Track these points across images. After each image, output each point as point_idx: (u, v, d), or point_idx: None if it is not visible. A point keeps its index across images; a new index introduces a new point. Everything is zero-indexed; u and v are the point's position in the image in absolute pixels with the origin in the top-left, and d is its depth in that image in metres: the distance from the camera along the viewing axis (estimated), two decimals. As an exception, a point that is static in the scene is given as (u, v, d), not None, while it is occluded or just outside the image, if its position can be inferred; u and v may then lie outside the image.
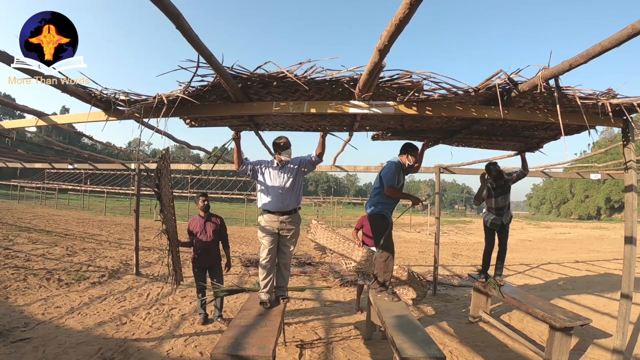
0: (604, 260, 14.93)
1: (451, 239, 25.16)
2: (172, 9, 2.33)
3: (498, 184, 6.34)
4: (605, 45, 2.56)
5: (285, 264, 4.91)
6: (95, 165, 11.10)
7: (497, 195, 6.31)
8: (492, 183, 6.37)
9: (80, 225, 20.25)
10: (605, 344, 5.50)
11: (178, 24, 2.43)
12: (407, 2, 2.08)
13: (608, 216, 65.74)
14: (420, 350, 3.39)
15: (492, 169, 6.34)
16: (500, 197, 6.32)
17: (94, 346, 5.03)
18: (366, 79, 3.20)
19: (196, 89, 3.64)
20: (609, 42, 2.52)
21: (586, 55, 2.72)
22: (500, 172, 6.38)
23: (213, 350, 3.38)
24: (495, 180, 6.34)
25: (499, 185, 6.33)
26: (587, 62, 2.77)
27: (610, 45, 2.52)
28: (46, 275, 8.47)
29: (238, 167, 4.83)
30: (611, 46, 2.53)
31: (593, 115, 3.83)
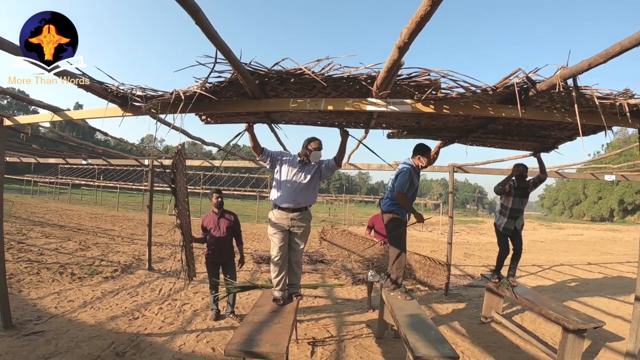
0: (617, 262, 14.80)
1: (463, 238, 25.02)
2: (192, 4, 2.32)
3: (520, 185, 6.27)
4: (625, 45, 2.52)
5: (297, 261, 4.91)
6: (109, 160, 11.17)
7: (516, 195, 6.24)
8: (516, 182, 6.30)
9: (93, 220, 20.43)
10: (618, 347, 5.46)
11: (197, 19, 2.43)
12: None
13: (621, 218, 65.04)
14: (434, 349, 3.39)
15: (519, 168, 6.28)
16: (519, 199, 6.24)
17: (106, 340, 5.06)
18: (384, 77, 3.18)
19: (213, 85, 3.64)
20: (629, 42, 2.49)
21: (605, 54, 2.69)
22: (525, 174, 6.30)
23: (227, 346, 3.40)
24: (520, 180, 6.28)
25: (521, 187, 6.26)
26: (607, 61, 2.73)
27: (630, 45, 2.49)
28: (59, 269, 8.55)
29: (259, 155, 4.84)
30: (631, 46, 2.49)
31: (610, 115, 3.78)
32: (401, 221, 5.07)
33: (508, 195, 6.30)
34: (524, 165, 6.28)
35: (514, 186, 6.27)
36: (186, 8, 2.32)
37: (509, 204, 6.28)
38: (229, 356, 3.45)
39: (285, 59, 3.37)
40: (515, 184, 6.28)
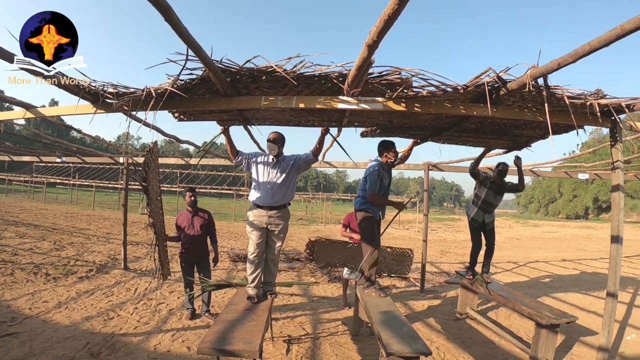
0: (591, 259, 15.05)
1: (440, 236, 25.26)
2: (162, 2, 2.31)
3: (497, 182, 6.35)
4: (594, 45, 2.58)
5: (273, 259, 4.91)
6: (83, 158, 11.00)
7: (490, 188, 6.33)
8: (492, 177, 6.39)
9: (69, 220, 20.13)
10: (591, 342, 5.55)
11: (167, 17, 2.42)
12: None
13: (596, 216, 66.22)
14: (406, 345, 3.42)
15: (500, 164, 6.39)
16: (493, 193, 6.34)
17: (81, 341, 5.00)
18: (355, 75, 3.20)
19: (185, 82, 3.62)
20: (598, 42, 2.54)
21: (575, 54, 2.74)
22: (505, 172, 6.37)
23: (200, 344, 3.40)
24: (498, 176, 6.36)
25: (497, 184, 6.35)
26: (576, 61, 2.80)
27: (599, 45, 2.54)
28: (33, 269, 8.43)
29: (234, 158, 4.85)
30: (600, 46, 2.55)
31: (581, 115, 3.85)
32: (373, 219, 5.10)
33: (482, 186, 6.40)
34: (506, 164, 6.38)
35: (490, 180, 6.36)
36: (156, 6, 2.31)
37: (482, 195, 6.39)
38: (202, 354, 3.45)
39: (257, 56, 3.38)
40: (492, 179, 6.37)
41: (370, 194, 4.98)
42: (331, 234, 20.83)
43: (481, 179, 6.38)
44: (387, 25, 2.36)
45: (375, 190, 4.98)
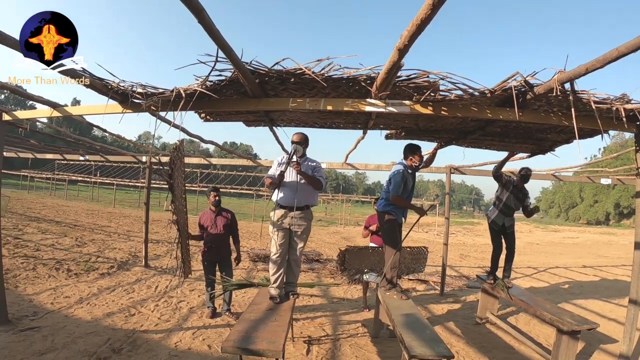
0: (612, 265, 14.84)
1: (459, 239, 25.07)
2: (195, 4, 2.34)
3: (519, 186, 6.33)
4: (622, 51, 2.56)
5: (295, 260, 4.94)
6: (106, 157, 11.16)
7: (512, 192, 6.30)
8: (515, 182, 6.36)
9: (90, 217, 20.42)
10: (612, 350, 5.49)
11: (200, 18, 2.45)
12: (430, 2, 2.09)
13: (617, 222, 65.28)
14: (429, 348, 3.41)
15: (523, 169, 6.39)
16: (514, 197, 6.31)
17: (102, 336, 5.06)
18: (384, 78, 3.21)
19: (214, 83, 3.66)
20: (626, 48, 2.52)
21: (603, 60, 2.72)
22: (528, 177, 6.38)
23: (224, 343, 3.43)
24: (521, 180, 6.35)
25: (518, 188, 6.33)
26: (604, 66, 2.77)
27: (627, 50, 2.53)
28: (55, 265, 8.55)
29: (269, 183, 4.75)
30: (628, 52, 2.53)
31: (607, 119, 3.81)
32: (396, 221, 5.09)
33: (505, 189, 6.36)
34: (529, 168, 6.37)
35: (513, 184, 6.32)
36: (190, 7, 2.34)
37: (503, 198, 6.37)
38: (225, 353, 3.48)
39: (285, 58, 3.40)
40: (514, 182, 6.33)
41: (394, 196, 4.98)
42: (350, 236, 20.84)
43: (504, 182, 6.35)
44: (418, 30, 2.37)
45: (399, 192, 4.97)
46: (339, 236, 21.74)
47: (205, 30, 2.60)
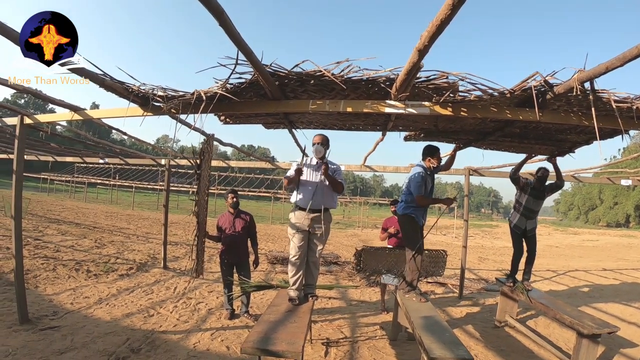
0: (632, 269, 14.60)
1: (477, 242, 24.90)
2: (216, 6, 2.37)
3: (537, 186, 6.25)
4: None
5: (314, 262, 4.94)
6: (125, 160, 11.28)
7: (531, 194, 6.23)
8: (532, 183, 6.30)
9: (109, 219, 20.65)
10: (632, 354, 5.42)
11: (221, 21, 2.47)
12: (449, 3, 2.09)
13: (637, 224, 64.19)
14: (449, 351, 3.40)
15: (540, 170, 6.27)
16: (533, 199, 6.23)
17: (121, 336, 5.13)
18: (404, 79, 3.21)
19: (234, 85, 3.69)
20: (647, 46, 2.50)
21: (622, 58, 2.69)
22: (546, 178, 6.27)
23: (243, 344, 3.44)
24: (537, 181, 6.25)
25: (537, 188, 6.24)
26: (624, 65, 2.74)
27: (648, 48, 2.50)
28: (75, 266, 8.66)
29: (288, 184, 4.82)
30: (649, 49, 2.50)
31: (627, 119, 3.76)
32: (417, 223, 5.08)
33: (523, 192, 6.30)
34: (546, 169, 6.27)
35: (531, 185, 6.26)
36: (210, 10, 2.36)
37: (522, 201, 6.30)
38: (245, 354, 3.49)
39: (305, 61, 3.42)
40: (532, 184, 6.27)
41: (418, 196, 4.96)
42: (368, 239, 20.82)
43: (521, 185, 6.29)
44: (438, 31, 2.37)
45: (422, 192, 4.97)
46: (357, 239, 21.72)
47: (226, 33, 2.63)
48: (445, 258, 6.68)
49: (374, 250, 6.33)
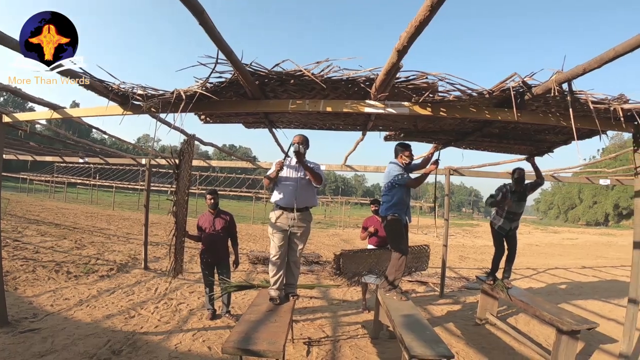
0: (611, 266, 14.86)
1: (458, 241, 25.09)
2: (197, 5, 2.36)
3: (517, 189, 6.28)
4: (618, 51, 2.58)
5: (295, 261, 4.94)
6: (106, 159, 11.16)
7: (513, 199, 6.25)
8: (512, 187, 6.31)
9: (89, 219, 20.40)
10: (611, 349, 5.50)
11: (202, 20, 2.46)
12: (428, 4, 2.11)
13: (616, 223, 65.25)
14: (429, 349, 3.42)
15: (516, 171, 6.28)
16: (516, 203, 6.27)
17: (102, 338, 5.08)
18: (383, 79, 3.23)
19: (214, 85, 3.68)
20: (623, 48, 2.54)
21: (600, 60, 2.74)
22: (523, 177, 6.29)
23: (224, 344, 3.43)
24: (516, 184, 6.27)
25: (518, 191, 6.28)
26: (601, 66, 2.79)
27: (624, 50, 2.54)
28: (55, 267, 8.55)
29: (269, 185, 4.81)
30: (624, 52, 2.55)
31: (604, 119, 3.82)
32: (400, 222, 5.06)
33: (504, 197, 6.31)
34: (521, 169, 6.31)
35: (511, 190, 6.28)
36: (190, 9, 2.35)
37: (506, 207, 6.32)
38: (226, 354, 3.48)
39: (285, 60, 3.42)
40: (512, 188, 6.29)
41: (409, 181, 4.99)
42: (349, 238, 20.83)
43: (502, 199, 6.31)
44: (417, 31, 2.39)
45: (409, 178, 5.02)
46: (339, 238, 21.75)
47: (206, 32, 2.62)
48: (428, 252, 6.75)
49: (352, 254, 6.32)
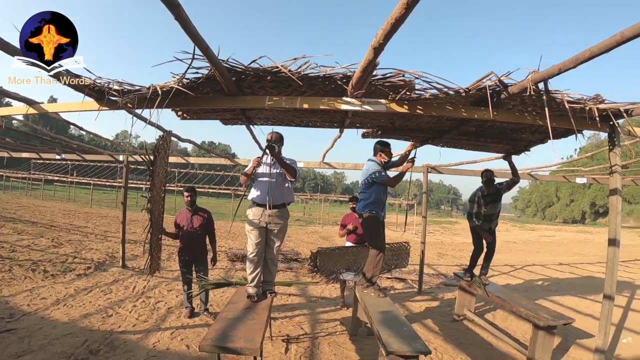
0: (588, 263, 15.09)
1: (437, 238, 25.35)
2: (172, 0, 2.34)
3: (489, 191, 6.28)
4: (594, 52, 2.62)
5: (272, 258, 4.94)
6: (83, 155, 10.99)
7: (486, 203, 6.27)
8: (483, 190, 6.32)
9: (66, 217, 20.12)
10: (588, 344, 5.58)
11: (177, 15, 2.44)
12: (404, 2, 2.11)
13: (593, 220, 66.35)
14: (406, 345, 3.44)
15: (483, 174, 6.30)
16: (490, 205, 6.28)
17: (79, 338, 5.01)
18: (359, 77, 3.24)
19: (190, 80, 3.65)
20: (598, 49, 2.59)
21: (575, 60, 2.78)
22: (491, 179, 6.29)
23: (201, 342, 3.41)
24: (486, 186, 6.28)
25: (489, 193, 6.28)
26: (576, 66, 2.83)
27: (599, 51, 2.59)
28: (32, 266, 8.41)
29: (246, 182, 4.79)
30: (600, 52, 2.59)
31: (580, 119, 3.88)
32: (377, 219, 5.07)
33: (479, 206, 6.33)
34: (488, 170, 6.36)
35: (483, 194, 6.31)
36: (166, 3, 2.33)
37: (481, 211, 6.33)
38: (203, 352, 3.47)
39: (262, 56, 3.42)
40: (484, 193, 6.32)
41: (387, 180, 4.97)
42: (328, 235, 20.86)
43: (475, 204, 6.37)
44: (393, 29, 2.40)
45: (387, 176, 5.01)
46: (318, 235, 21.82)
47: (182, 27, 2.60)
48: (408, 250, 6.77)
49: (329, 252, 6.32)
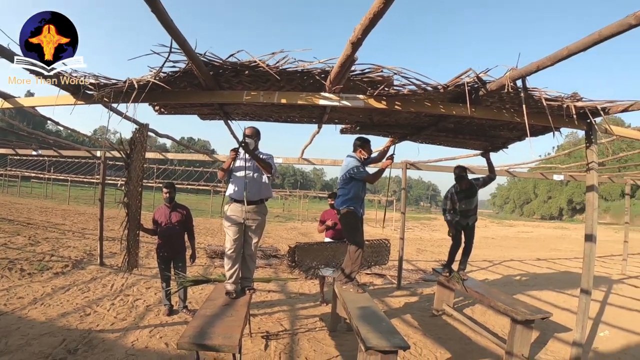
0: (565, 258, 15.30)
1: (416, 234, 25.51)
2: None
3: (462, 187, 6.33)
4: (572, 50, 2.65)
5: (250, 255, 4.93)
6: (60, 151, 10.83)
7: (460, 199, 6.32)
8: (457, 187, 6.38)
9: (43, 214, 19.78)
10: (565, 338, 5.66)
11: (153, 7, 2.40)
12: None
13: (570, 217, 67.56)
14: (385, 340, 3.45)
15: (455, 170, 6.37)
16: (464, 201, 6.33)
17: (57, 337, 4.94)
18: (338, 72, 3.23)
19: (167, 74, 3.61)
20: (576, 47, 2.61)
21: (553, 57, 2.81)
22: (462, 176, 6.32)
23: (179, 339, 3.39)
24: (458, 182, 6.33)
25: (462, 189, 6.33)
26: (554, 64, 2.86)
27: (577, 49, 2.61)
28: (8, 265, 8.24)
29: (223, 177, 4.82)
30: (577, 50, 2.62)
31: (558, 117, 3.93)
32: (356, 216, 5.06)
33: (453, 203, 6.39)
34: (461, 167, 6.42)
35: (456, 191, 6.37)
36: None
37: (456, 207, 6.38)
38: (181, 350, 3.45)
39: (240, 51, 3.39)
40: (457, 189, 6.38)
41: (367, 176, 4.97)
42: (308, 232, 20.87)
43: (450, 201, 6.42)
44: (371, 24, 2.39)
45: (367, 173, 5.01)
46: (297, 232, 21.84)
47: (158, 20, 2.56)
48: (388, 247, 6.81)
49: (308, 247, 6.33)
